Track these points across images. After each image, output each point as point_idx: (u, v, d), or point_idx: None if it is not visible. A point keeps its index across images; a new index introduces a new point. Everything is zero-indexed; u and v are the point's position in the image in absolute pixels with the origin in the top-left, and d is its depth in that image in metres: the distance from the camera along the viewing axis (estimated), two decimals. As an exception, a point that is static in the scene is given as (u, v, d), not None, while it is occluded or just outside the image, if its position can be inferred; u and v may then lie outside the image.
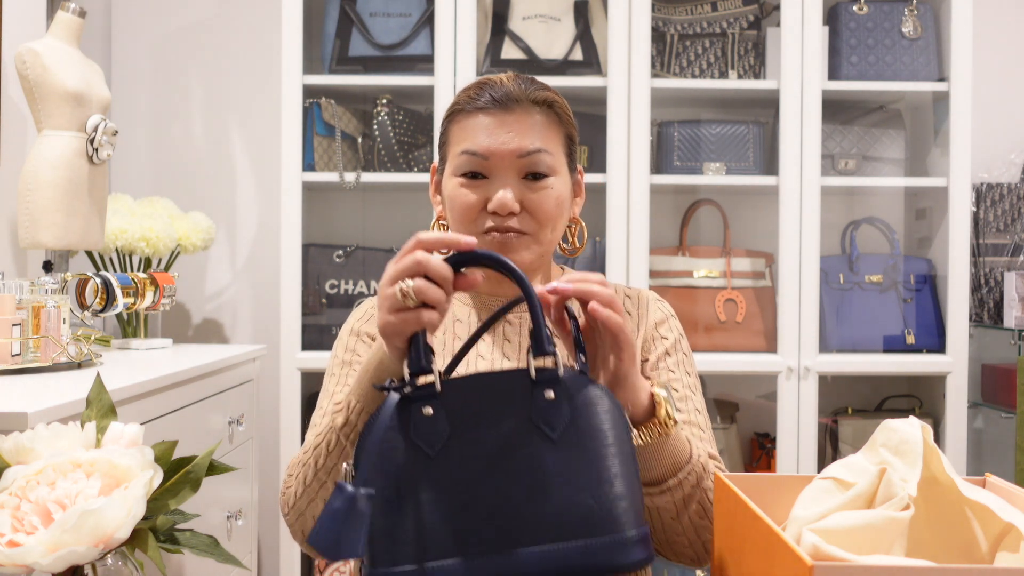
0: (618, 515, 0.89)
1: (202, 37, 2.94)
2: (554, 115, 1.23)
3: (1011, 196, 2.78)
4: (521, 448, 0.91)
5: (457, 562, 0.88)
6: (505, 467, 0.90)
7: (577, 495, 0.89)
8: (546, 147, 1.20)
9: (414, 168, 2.65)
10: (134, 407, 1.69)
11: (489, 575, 0.88)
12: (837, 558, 0.75)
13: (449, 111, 1.25)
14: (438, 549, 0.88)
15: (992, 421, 2.77)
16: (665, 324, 1.31)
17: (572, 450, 0.90)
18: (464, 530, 0.88)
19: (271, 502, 2.82)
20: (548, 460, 0.90)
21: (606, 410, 0.93)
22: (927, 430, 0.86)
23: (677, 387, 1.26)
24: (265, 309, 2.94)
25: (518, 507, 0.89)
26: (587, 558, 0.88)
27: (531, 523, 0.88)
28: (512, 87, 1.21)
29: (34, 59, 2.14)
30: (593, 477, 0.90)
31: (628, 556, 0.88)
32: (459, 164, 1.20)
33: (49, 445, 0.94)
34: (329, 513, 0.84)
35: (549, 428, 0.91)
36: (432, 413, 0.92)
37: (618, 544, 0.88)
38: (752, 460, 2.80)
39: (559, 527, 0.88)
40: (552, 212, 1.20)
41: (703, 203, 2.80)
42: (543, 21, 2.59)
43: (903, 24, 2.63)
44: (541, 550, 0.88)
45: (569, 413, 0.92)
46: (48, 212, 2.15)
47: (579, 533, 0.88)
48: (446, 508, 0.89)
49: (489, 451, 0.91)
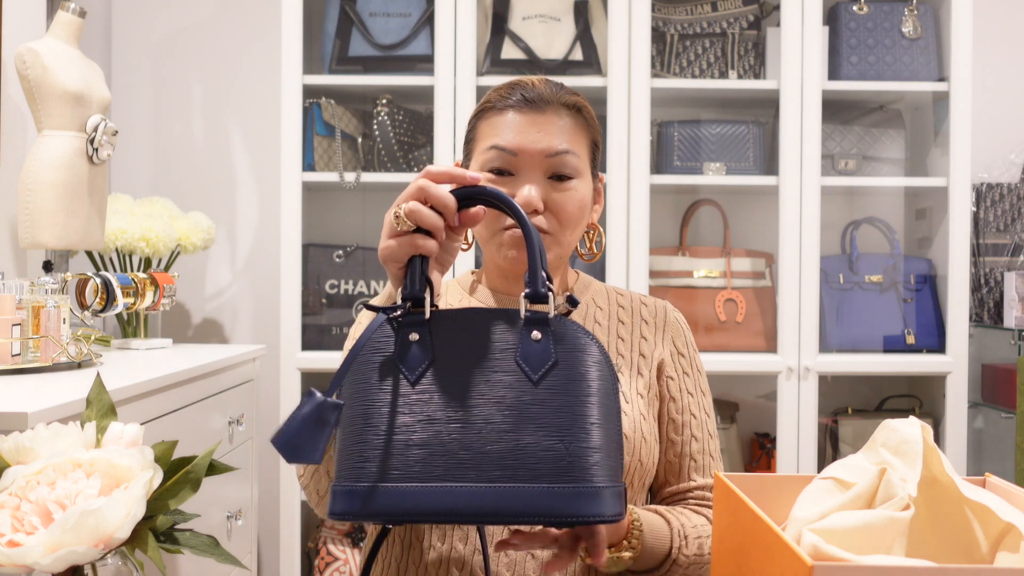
0: (589, 465, 0.88)
1: (202, 37, 2.94)
2: (582, 119, 1.24)
3: (1011, 196, 2.78)
4: (500, 386, 0.91)
5: (417, 487, 0.88)
6: (481, 402, 0.90)
7: (549, 438, 0.88)
8: (573, 149, 1.21)
9: (414, 168, 2.65)
10: (134, 407, 1.69)
11: (446, 505, 0.87)
12: (837, 558, 0.75)
13: (479, 109, 1.26)
14: (401, 472, 0.88)
15: (992, 421, 2.77)
16: (682, 338, 1.33)
17: (552, 394, 0.90)
18: (430, 457, 0.88)
19: (271, 502, 2.82)
20: (526, 400, 0.90)
21: (595, 361, 0.93)
22: (927, 430, 0.86)
23: (695, 412, 1.29)
24: (265, 309, 2.94)
25: (487, 442, 0.89)
26: (550, 501, 0.86)
27: (497, 460, 0.88)
28: (543, 89, 1.23)
29: (34, 59, 2.14)
30: (568, 423, 0.89)
31: (593, 507, 0.87)
32: (487, 159, 1.21)
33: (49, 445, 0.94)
34: (296, 417, 0.85)
35: (531, 369, 0.91)
36: (417, 339, 0.93)
37: (584, 494, 0.87)
38: (752, 460, 2.80)
39: (526, 468, 0.87)
40: (574, 214, 1.22)
41: (703, 203, 2.80)
42: (543, 21, 2.59)
43: (903, 24, 2.63)
44: (504, 488, 0.87)
45: (554, 357, 0.92)
46: (48, 212, 2.15)
47: (545, 476, 0.87)
48: (416, 434, 0.89)
49: (467, 385, 0.91)
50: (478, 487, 0.87)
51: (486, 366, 0.92)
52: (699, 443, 1.28)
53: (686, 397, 1.29)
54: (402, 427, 0.90)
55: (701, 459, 1.28)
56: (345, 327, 2.64)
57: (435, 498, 0.87)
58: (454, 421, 0.89)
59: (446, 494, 0.87)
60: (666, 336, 1.32)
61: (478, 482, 0.87)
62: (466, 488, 0.87)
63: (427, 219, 0.96)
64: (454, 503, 0.87)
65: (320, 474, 1.15)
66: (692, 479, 1.28)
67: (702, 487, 1.28)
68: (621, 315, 1.32)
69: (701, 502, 1.27)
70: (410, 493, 0.88)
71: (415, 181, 0.99)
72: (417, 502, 0.87)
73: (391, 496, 0.88)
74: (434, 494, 0.87)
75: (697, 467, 1.28)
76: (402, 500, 0.87)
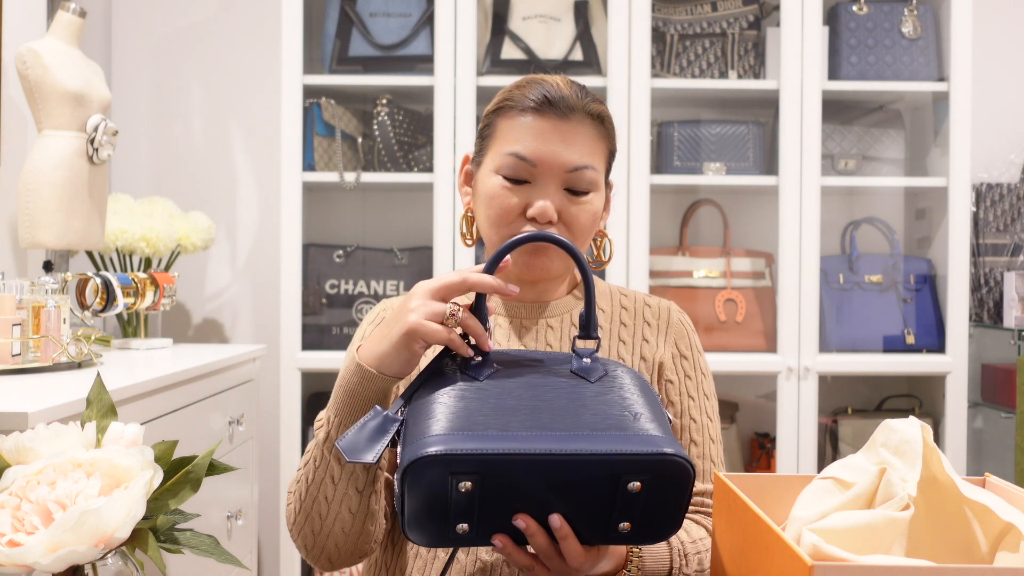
0: (651, 429, 0.93)
1: (202, 37, 2.94)
2: (604, 130, 1.22)
3: (1011, 196, 2.78)
4: (559, 383, 0.98)
5: (497, 433, 0.90)
6: (545, 393, 0.96)
7: (611, 409, 0.95)
8: (593, 163, 1.20)
9: (414, 168, 2.65)
10: (134, 407, 1.69)
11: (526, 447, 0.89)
12: (837, 558, 0.75)
13: (498, 104, 1.23)
14: (479, 427, 0.91)
15: (992, 421, 2.77)
16: (685, 340, 1.31)
17: (608, 388, 0.98)
18: (505, 416, 0.92)
19: (271, 502, 2.82)
20: (586, 391, 0.97)
21: (640, 386, 0.99)
22: (927, 430, 0.86)
23: (695, 416, 1.27)
24: (265, 309, 2.94)
25: (555, 416, 0.93)
26: (624, 442, 0.90)
27: (569, 423, 0.92)
28: (568, 93, 1.19)
29: (34, 59, 2.14)
30: (625, 407, 0.96)
31: (663, 447, 0.90)
32: (504, 164, 1.19)
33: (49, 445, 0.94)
34: (360, 425, 0.96)
35: (585, 376, 0.99)
36: (481, 360, 1.00)
37: (654, 439, 0.92)
38: (752, 460, 2.80)
39: (596, 425, 0.92)
40: (587, 227, 1.21)
41: (703, 203, 2.81)
42: (543, 21, 2.59)
43: (903, 24, 2.63)
44: (578, 434, 0.91)
45: (604, 369, 1.00)
46: (48, 212, 2.15)
47: (616, 429, 0.92)
48: (488, 407, 0.94)
49: (529, 384, 0.97)
50: (553, 434, 0.91)
51: (544, 378, 0.99)
52: (699, 447, 1.26)
53: (686, 400, 1.27)
54: (473, 406, 0.94)
55: (700, 464, 1.25)
56: (345, 327, 2.64)
57: (512, 443, 0.89)
58: (523, 401, 0.95)
59: (523, 441, 0.90)
60: (668, 337, 1.30)
61: (553, 431, 0.91)
62: (542, 435, 0.90)
63: (470, 331, 1.00)
64: (531, 447, 0.89)
65: (313, 516, 1.11)
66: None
67: (701, 493, 1.25)
68: (624, 317, 1.30)
69: (700, 509, 1.25)
70: (488, 437, 0.90)
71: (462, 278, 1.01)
72: (495, 444, 0.89)
73: (467, 440, 0.89)
74: (511, 440, 0.90)
75: (696, 472, 1.25)
76: (479, 444, 0.89)
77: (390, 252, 2.69)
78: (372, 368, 1.04)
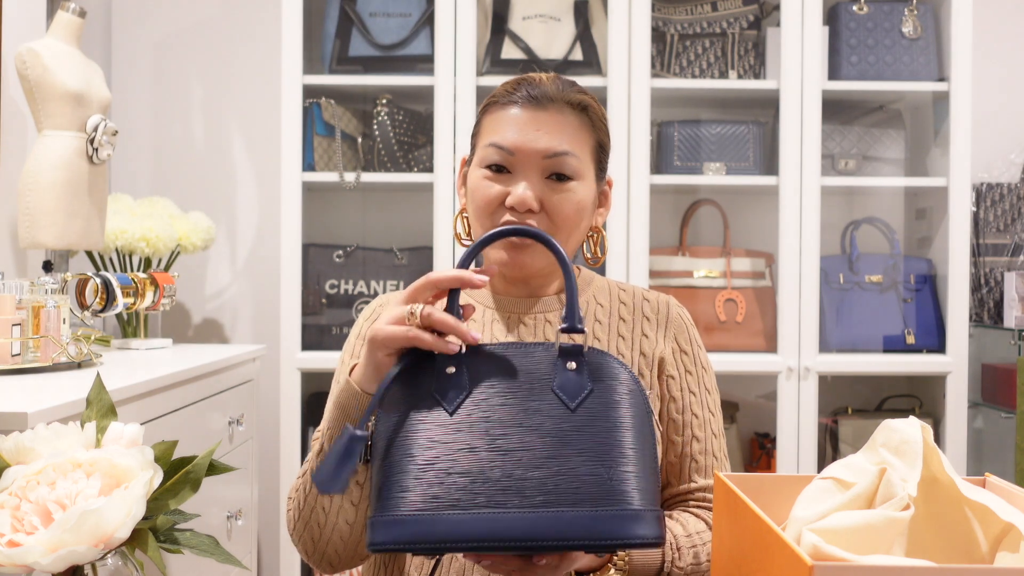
0: (630, 489, 0.89)
1: (202, 37, 2.94)
2: (587, 119, 1.22)
3: (1011, 196, 2.78)
4: (538, 414, 0.93)
5: (460, 515, 0.88)
6: (520, 430, 0.92)
7: (588, 463, 0.90)
8: (574, 150, 1.19)
9: (414, 168, 2.65)
10: (134, 407, 1.69)
11: (490, 532, 0.88)
12: (837, 558, 0.75)
13: (485, 103, 1.25)
14: (443, 501, 0.89)
15: (992, 421, 2.77)
16: (685, 335, 1.30)
17: (589, 419, 0.92)
18: (472, 485, 0.89)
19: (271, 502, 2.82)
20: (564, 427, 0.92)
21: (627, 391, 0.95)
22: (927, 430, 0.86)
23: (697, 411, 1.26)
24: (265, 309, 2.94)
25: (528, 469, 0.90)
26: (593, 525, 0.88)
27: (539, 485, 0.89)
28: (549, 86, 1.21)
29: (34, 59, 2.14)
30: (607, 448, 0.91)
31: (636, 530, 0.88)
32: (485, 155, 1.20)
33: (49, 445, 0.94)
34: (331, 451, 0.92)
35: (568, 397, 0.94)
36: (454, 371, 0.95)
37: (627, 516, 0.89)
38: (752, 460, 2.80)
39: (567, 493, 0.89)
40: (571, 216, 1.19)
41: (703, 203, 2.80)
42: (543, 21, 2.59)
43: (903, 24, 2.63)
44: (546, 513, 0.88)
45: (589, 387, 0.94)
46: (48, 212, 2.15)
47: (587, 501, 0.89)
48: (457, 463, 0.90)
49: (505, 414, 0.93)
50: (521, 514, 0.88)
51: (523, 396, 0.94)
52: (701, 443, 1.25)
53: (687, 396, 1.26)
54: (443, 457, 0.91)
55: (703, 459, 1.25)
56: (345, 327, 2.64)
57: (479, 525, 0.88)
58: (494, 449, 0.91)
59: (490, 521, 0.88)
60: (668, 332, 1.28)
61: (521, 508, 0.88)
62: (509, 515, 0.88)
63: (440, 325, 0.97)
64: (498, 530, 0.88)
65: (312, 525, 1.12)
66: (693, 480, 1.25)
67: (703, 488, 1.25)
68: (623, 312, 1.29)
69: (702, 504, 1.25)
70: (453, 521, 0.88)
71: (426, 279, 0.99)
72: (461, 530, 0.88)
73: (434, 525, 0.88)
74: (478, 521, 0.88)
75: (699, 468, 1.25)
76: (445, 528, 0.88)
77: (390, 252, 2.69)
78: (355, 383, 1.05)
